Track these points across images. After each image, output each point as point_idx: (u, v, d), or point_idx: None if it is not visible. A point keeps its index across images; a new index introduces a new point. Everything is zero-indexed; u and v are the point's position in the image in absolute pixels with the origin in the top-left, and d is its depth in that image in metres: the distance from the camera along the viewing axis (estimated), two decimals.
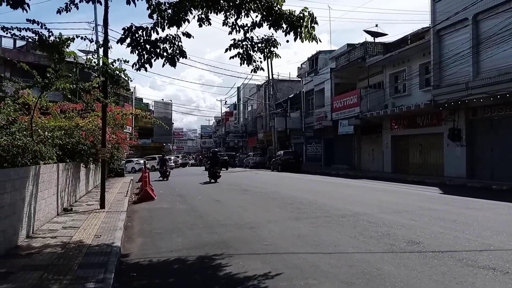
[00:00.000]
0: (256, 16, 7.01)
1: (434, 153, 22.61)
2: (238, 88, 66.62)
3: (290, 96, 44.85)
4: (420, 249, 6.15)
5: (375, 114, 25.65)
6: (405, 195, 13.67)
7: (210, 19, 7.27)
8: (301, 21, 6.76)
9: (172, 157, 49.78)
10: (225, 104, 75.69)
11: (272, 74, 43.54)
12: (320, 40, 7.07)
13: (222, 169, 32.55)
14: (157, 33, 6.97)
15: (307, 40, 6.91)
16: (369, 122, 27.28)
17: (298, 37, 6.87)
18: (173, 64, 7.29)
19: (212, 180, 21.72)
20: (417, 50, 23.18)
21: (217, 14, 6.99)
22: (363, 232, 7.45)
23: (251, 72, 9.68)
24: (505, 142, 17.83)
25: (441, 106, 20.00)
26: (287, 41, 8.36)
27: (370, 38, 29.70)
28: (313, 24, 6.80)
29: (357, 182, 19.88)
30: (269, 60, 34.56)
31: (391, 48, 27.21)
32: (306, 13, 6.74)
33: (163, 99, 75.41)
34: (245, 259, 5.92)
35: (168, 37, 7.20)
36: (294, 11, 6.82)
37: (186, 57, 7.39)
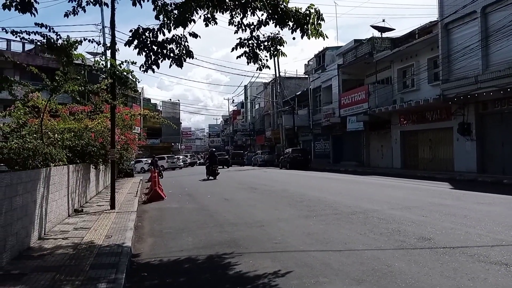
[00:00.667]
0: (262, 15, 7.00)
1: (443, 148, 22.41)
2: (245, 86, 66.68)
3: (298, 93, 44.68)
4: (431, 245, 6.10)
5: (383, 109, 25.47)
6: (415, 190, 13.57)
7: (216, 19, 7.28)
8: (308, 18, 6.73)
9: (181, 157, 50.40)
10: (233, 102, 76.04)
11: (279, 72, 43.52)
12: (326, 37, 7.05)
13: (224, 167, 36.67)
14: (164, 34, 7.00)
15: (314, 37, 6.90)
16: (377, 118, 27.12)
17: (305, 34, 6.85)
18: (180, 65, 7.31)
19: (211, 177, 22.98)
20: (425, 44, 22.97)
21: (223, 14, 6.99)
22: (373, 229, 7.42)
23: (257, 70, 9.71)
24: None
25: (450, 101, 19.81)
26: (294, 38, 8.39)
27: (377, 34, 29.49)
28: (319, 21, 6.78)
29: (366, 178, 19.77)
30: (275, 58, 34.59)
31: (399, 43, 26.98)
32: (312, 10, 6.72)
33: (170, 99, 75.83)
34: (255, 257, 5.93)
35: (174, 38, 7.22)
36: (300, 8, 6.80)
37: (192, 57, 7.42)
